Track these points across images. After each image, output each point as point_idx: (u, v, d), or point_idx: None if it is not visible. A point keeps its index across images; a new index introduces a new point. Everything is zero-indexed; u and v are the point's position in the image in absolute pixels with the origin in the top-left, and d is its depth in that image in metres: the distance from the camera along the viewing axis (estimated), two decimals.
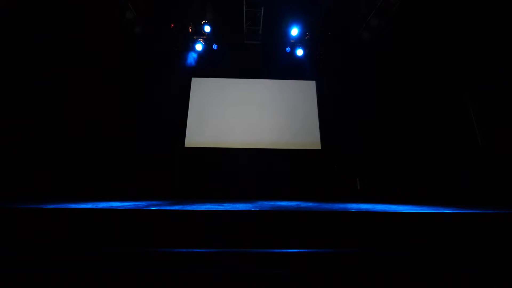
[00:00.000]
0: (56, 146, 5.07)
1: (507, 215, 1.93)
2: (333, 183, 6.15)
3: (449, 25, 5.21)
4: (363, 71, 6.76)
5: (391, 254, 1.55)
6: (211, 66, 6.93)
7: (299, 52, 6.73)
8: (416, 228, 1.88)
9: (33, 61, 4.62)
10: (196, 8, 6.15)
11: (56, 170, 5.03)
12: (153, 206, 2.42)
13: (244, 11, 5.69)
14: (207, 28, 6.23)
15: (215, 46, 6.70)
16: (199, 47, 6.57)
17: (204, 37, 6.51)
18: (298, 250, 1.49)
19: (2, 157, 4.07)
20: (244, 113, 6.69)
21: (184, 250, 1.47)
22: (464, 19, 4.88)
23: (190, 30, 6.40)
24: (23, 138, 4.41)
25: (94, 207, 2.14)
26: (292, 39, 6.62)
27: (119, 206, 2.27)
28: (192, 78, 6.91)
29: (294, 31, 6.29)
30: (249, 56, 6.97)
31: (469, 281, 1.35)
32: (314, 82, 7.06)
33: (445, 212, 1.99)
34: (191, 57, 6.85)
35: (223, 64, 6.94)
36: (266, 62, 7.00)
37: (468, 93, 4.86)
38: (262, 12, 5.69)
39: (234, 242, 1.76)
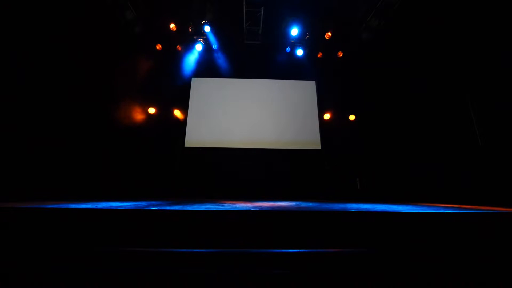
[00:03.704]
0: (56, 146, 5.07)
1: (507, 215, 1.93)
2: (333, 183, 6.15)
3: (449, 25, 5.21)
4: (363, 71, 6.75)
5: (391, 254, 1.55)
6: (211, 66, 6.94)
7: (299, 52, 6.72)
8: (416, 228, 1.88)
9: (32, 60, 4.62)
10: (196, 8, 6.14)
11: (56, 170, 5.03)
12: (153, 206, 2.42)
13: (244, 11, 5.69)
14: (207, 28, 6.22)
15: (215, 46, 6.70)
16: (199, 47, 6.56)
17: (204, 37, 6.50)
18: (298, 250, 1.49)
19: (1, 156, 4.07)
20: (244, 113, 6.69)
21: (184, 250, 1.47)
22: (464, 19, 4.88)
23: (190, 30, 6.40)
24: (24, 139, 4.41)
25: (94, 207, 2.14)
26: (292, 39, 6.61)
27: (119, 206, 2.27)
28: (192, 78, 6.91)
29: (294, 31, 6.29)
30: (249, 56, 6.97)
31: (468, 281, 1.35)
32: (314, 82, 7.07)
33: (445, 212, 1.99)
34: (191, 57, 6.85)
35: (223, 64, 6.94)
36: (266, 62, 7.00)
37: (469, 93, 4.86)
38: (262, 12, 5.69)
39: (234, 242, 1.75)
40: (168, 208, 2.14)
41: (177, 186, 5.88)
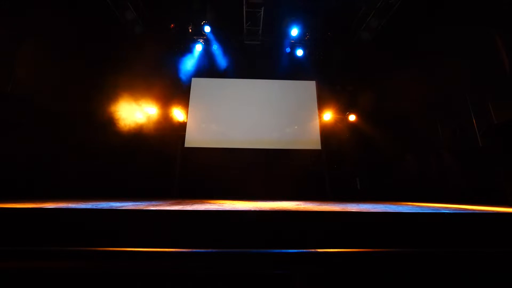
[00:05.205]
0: (56, 146, 5.07)
1: (507, 215, 1.93)
2: (333, 183, 6.15)
3: (449, 25, 5.21)
4: (363, 71, 6.75)
5: (391, 254, 1.55)
6: (211, 66, 6.94)
7: (299, 52, 6.73)
8: (416, 228, 1.88)
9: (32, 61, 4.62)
10: (196, 8, 6.14)
11: (56, 170, 5.03)
12: (153, 206, 2.42)
13: (244, 11, 5.69)
14: (207, 28, 6.22)
15: (215, 46, 6.70)
16: (199, 47, 6.56)
17: (204, 37, 6.50)
18: (298, 250, 1.49)
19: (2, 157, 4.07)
20: (244, 113, 6.68)
21: (184, 250, 1.47)
22: (464, 18, 4.87)
23: (190, 30, 6.39)
24: (25, 140, 4.42)
25: (94, 207, 2.14)
26: (292, 39, 6.62)
27: (119, 206, 2.27)
28: (192, 78, 6.91)
29: (294, 31, 6.29)
30: (249, 56, 6.97)
31: (469, 281, 1.35)
32: (314, 82, 7.06)
33: (445, 212, 2.00)
34: (191, 57, 6.85)
35: (223, 64, 6.94)
36: (266, 62, 7.00)
37: (469, 93, 4.86)
38: (262, 12, 5.69)
39: (234, 242, 1.75)
40: (168, 208, 2.14)
41: (177, 186, 5.88)
